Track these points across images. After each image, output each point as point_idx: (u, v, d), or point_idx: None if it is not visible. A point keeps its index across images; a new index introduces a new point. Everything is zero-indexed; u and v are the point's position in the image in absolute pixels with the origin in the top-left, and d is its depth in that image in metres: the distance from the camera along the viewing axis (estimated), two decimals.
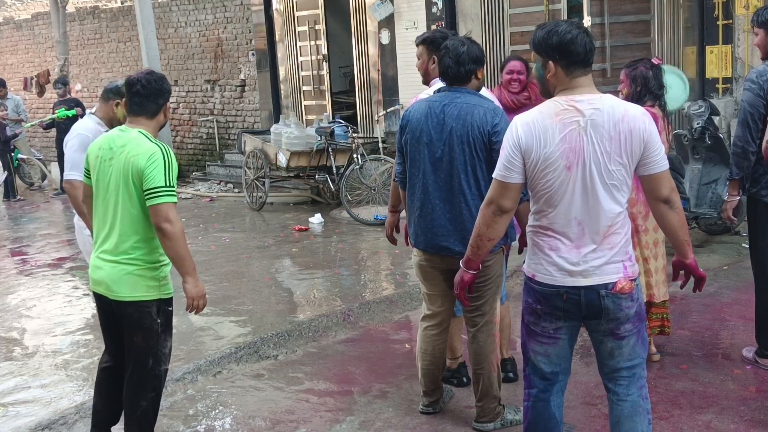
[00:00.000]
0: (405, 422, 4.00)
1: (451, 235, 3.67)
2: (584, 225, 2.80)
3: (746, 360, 4.48)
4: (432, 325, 3.94)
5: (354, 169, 9.30)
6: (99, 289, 3.54)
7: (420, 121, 3.70)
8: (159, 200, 3.33)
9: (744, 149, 4.18)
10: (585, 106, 2.75)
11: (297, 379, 4.67)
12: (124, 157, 3.41)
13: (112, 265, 3.46)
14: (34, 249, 8.95)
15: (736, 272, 6.14)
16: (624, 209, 2.83)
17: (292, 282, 6.99)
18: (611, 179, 2.76)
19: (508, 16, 10.04)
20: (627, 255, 2.86)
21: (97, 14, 16.16)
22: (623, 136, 2.72)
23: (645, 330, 2.97)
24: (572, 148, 2.75)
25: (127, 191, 3.41)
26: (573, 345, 3.02)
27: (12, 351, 5.51)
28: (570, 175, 2.77)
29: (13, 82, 18.13)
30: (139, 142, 3.42)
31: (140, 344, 3.49)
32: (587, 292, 2.82)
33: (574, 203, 2.79)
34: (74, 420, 4.21)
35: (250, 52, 13.31)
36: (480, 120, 3.58)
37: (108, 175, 3.47)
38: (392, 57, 11.21)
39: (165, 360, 3.59)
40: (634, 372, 2.94)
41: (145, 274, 3.45)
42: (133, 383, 3.54)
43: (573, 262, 2.82)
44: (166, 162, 3.38)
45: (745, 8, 8.10)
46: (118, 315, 3.53)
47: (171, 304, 3.58)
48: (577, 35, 2.76)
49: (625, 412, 2.93)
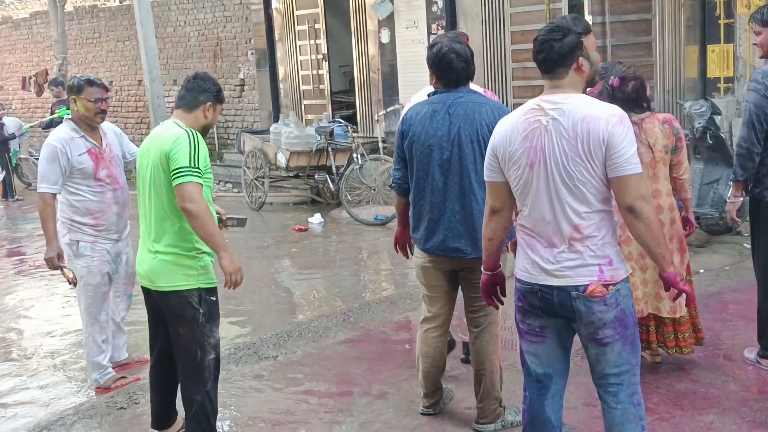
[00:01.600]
0: (405, 423, 3.98)
1: (462, 236, 3.63)
2: (553, 224, 2.80)
3: (748, 361, 4.46)
4: (432, 328, 3.91)
5: (354, 168, 9.28)
6: (144, 282, 3.61)
7: (424, 124, 3.66)
8: (182, 180, 3.33)
9: (749, 150, 4.15)
10: (549, 105, 2.76)
11: (297, 380, 4.65)
12: (156, 146, 3.46)
13: (152, 256, 3.51)
14: (32, 249, 8.93)
15: (738, 273, 6.12)
16: (598, 211, 2.75)
17: (292, 282, 6.97)
18: (572, 180, 2.73)
19: (509, 15, 10.03)
20: (606, 259, 2.77)
21: (95, 13, 16.15)
22: (581, 136, 2.69)
23: (634, 336, 2.87)
24: (533, 146, 2.78)
25: (158, 178, 3.45)
26: (565, 345, 2.97)
27: (10, 352, 5.49)
28: (533, 174, 2.79)
29: (12, 82, 18.14)
30: (169, 128, 3.48)
31: (185, 336, 3.51)
32: (559, 292, 2.81)
33: (541, 202, 2.81)
34: (73, 421, 4.19)
35: (249, 51, 13.29)
36: (488, 118, 3.56)
37: (145, 167, 3.53)
38: (392, 56, 11.19)
39: (212, 349, 3.58)
40: (622, 379, 2.88)
41: (181, 263, 3.47)
42: (185, 379, 3.56)
43: (547, 260, 2.82)
44: (192, 144, 3.38)
45: (746, 7, 8.08)
46: (162, 307, 3.56)
47: (214, 294, 3.59)
48: (543, 41, 2.80)
49: (615, 420, 2.90)
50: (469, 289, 3.79)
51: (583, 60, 2.79)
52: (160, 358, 3.72)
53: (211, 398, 3.59)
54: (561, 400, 3.06)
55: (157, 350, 3.73)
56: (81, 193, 4.44)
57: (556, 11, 9.63)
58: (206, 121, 3.60)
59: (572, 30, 2.78)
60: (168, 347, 3.64)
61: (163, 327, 3.64)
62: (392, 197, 6.17)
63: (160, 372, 3.74)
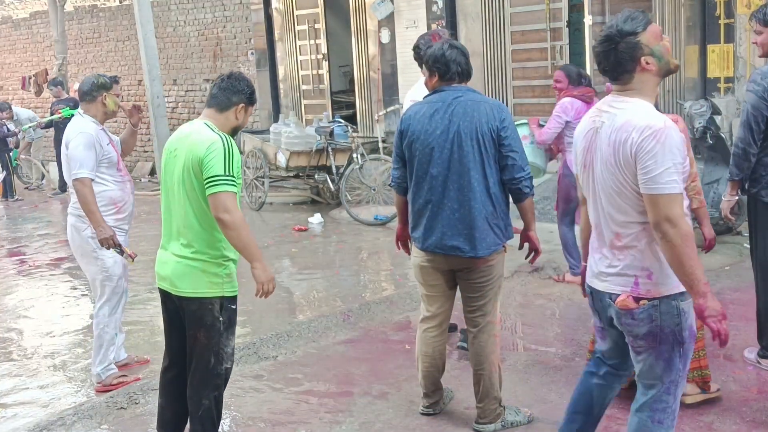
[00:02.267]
0: (405, 423, 3.98)
1: (460, 234, 3.64)
2: (599, 228, 2.82)
3: (748, 361, 4.46)
4: (431, 327, 3.92)
5: (354, 168, 9.27)
6: (164, 284, 3.54)
7: (423, 123, 3.67)
8: (217, 189, 3.28)
9: (745, 151, 4.16)
10: (606, 108, 2.75)
11: (296, 380, 4.65)
12: (187, 147, 3.39)
13: (177, 260, 3.45)
14: (32, 249, 8.93)
15: (738, 273, 6.12)
16: (638, 222, 2.68)
17: (292, 282, 6.97)
18: (607, 186, 2.71)
19: (509, 14, 10.03)
20: (645, 271, 2.70)
21: (95, 13, 16.14)
22: (615, 144, 2.66)
23: (671, 355, 2.75)
24: (587, 147, 2.80)
25: (189, 182, 3.38)
26: (625, 345, 2.90)
27: (10, 352, 5.49)
28: (586, 174, 2.82)
29: (11, 82, 18.13)
30: (200, 132, 3.39)
31: (202, 342, 3.47)
32: (599, 295, 2.86)
33: (590, 204, 2.85)
34: (72, 421, 4.19)
35: (249, 51, 13.28)
36: (487, 116, 3.58)
37: (173, 167, 3.46)
38: (392, 56, 11.19)
39: (227, 359, 3.56)
40: (649, 393, 2.82)
41: (208, 270, 3.43)
42: (196, 382, 3.52)
43: (596, 262, 2.86)
44: (227, 151, 3.32)
45: (747, 7, 8.07)
46: (181, 311, 3.51)
47: (235, 302, 3.56)
48: (599, 54, 2.73)
49: (630, 427, 2.90)
50: (467, 289, 3.79)
51: (646, 58, 2.66)
52: (173, 363, 3.65)
53: (218, 402, 3.58)
54: (613, 385, 3.10)
55: (171, 356, 3.66)
56: (105, 182, 4.55)
57: (556, 11, 9.64)
58: (237, 122, 3.52)
59: (624, 33, 2.64)
60: (182, 352, 3.58)
61: (178, 331, 3.59)
62: (392, 197, 6.20)
63: (172, 377, 3.67)
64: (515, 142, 3.62)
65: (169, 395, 3.69)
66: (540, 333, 5.21)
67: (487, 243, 3.65)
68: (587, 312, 5.66)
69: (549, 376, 4.45)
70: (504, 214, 3.70)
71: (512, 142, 3.60)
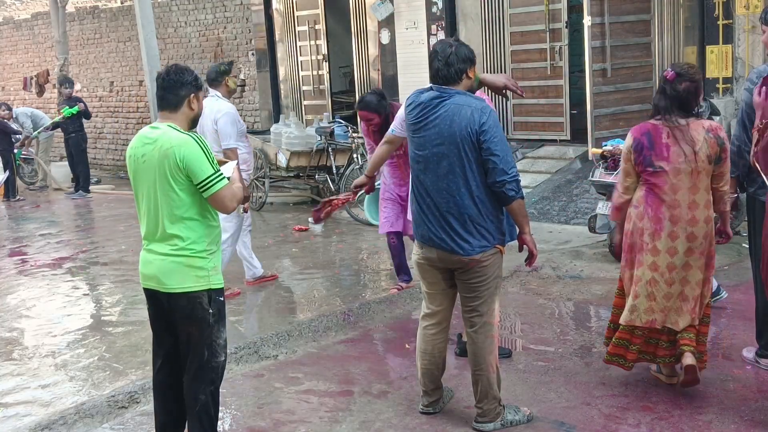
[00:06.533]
0: (405, 422, 3.99)
1: (443, 230, 3.71)
2: None
3: (747, 360, 4.48)
4: (431, 324, 3.94)
5: (354, 168, 9.29)
6: (150, 284, 3.54)
7: (411, 117, 3.77)
8: (215, 189, 3.40)
9: (740, 148, 4.19)
10: None
11: (297, 380, 4.67)
12: (157, 152, 3.41)
13: (161, 257, 3.47)
14: (33, 249, 8.95)
15: (737, 272, 6.13)
16: None
17: (292, 282, 6.99)
18: None
19: (509, 15, 10.04)
20: None
21: (96, 14, 16.16)
22: None
23: None
24: None
25: (167, 183, 3.41)
26: None
27: (11, 351, 5.50)
28: None
29: (13, 82, 18.15)
30: (169, 135, 3.43)
31: (195, 336, 3.49)
32: None
33: None
34: (74, 420, 4.20)
35: (249, 51, 13.30)
36: (467, 120, 3.59)
37: (144, 172, 3.48)
38: (392, 57, 11.21)
39: (221, 351, 3.57)
40: None
41: (193, 264, 3.46)
42: (190, 377, 3.54)
43: None
44: (204, 150, 3.41)
45: (745, 8, 8.10)
46: (170, 309, 3.53)
47: (222, 294, 3.59)
48: None
49: None
50: (463, 289, 3.82)
51: None
52: (166, 364, 3.65)
53: (215, 398, 3.59)
54: None
55: (163, 356, 3.66)
56: (241, 147, 5.90)
57: (555, 11, 9.65)
58: (194, 112, 3.56)
59: None
60: (175, 353, 3.59)
61: (169, 332, 3.60)
62: None
63: (165, 379, 3.66)
64: (496, 145, 3.58)
65: (163, 396, 3.68)
66: (539, 333, 5.23)
67: (472, 245, 3.67)
68: (587, 312, 5.70)
69: (548, 375, 4.47)
70: (492, 217, 3.70)
71: (492, 145, 3.57)
